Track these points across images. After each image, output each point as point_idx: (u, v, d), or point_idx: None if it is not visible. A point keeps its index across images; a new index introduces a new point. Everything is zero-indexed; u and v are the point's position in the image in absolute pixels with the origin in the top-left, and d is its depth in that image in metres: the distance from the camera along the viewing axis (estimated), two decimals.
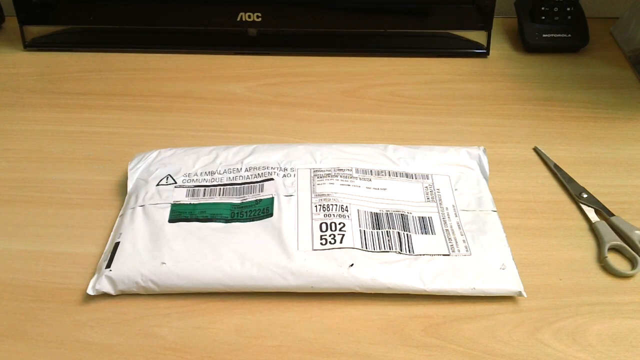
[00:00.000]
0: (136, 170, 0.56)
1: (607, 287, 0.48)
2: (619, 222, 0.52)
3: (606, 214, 0.53)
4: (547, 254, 0.50)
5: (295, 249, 0.47)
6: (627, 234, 0.51)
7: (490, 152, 0.60)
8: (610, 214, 0.53)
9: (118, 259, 0.47)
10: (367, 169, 0.55)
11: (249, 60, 0.76)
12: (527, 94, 0.69)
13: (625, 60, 0.75)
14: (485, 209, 0.52)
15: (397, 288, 0.46)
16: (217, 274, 0.46)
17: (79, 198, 0.56)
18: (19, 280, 0.48)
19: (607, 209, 0.54)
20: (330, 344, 0.44)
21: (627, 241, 0.51)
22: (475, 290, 0.46)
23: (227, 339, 0.44)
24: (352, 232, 0.49)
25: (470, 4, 0.73)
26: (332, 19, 0.75)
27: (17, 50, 0.78)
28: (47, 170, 0.59)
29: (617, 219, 0.52)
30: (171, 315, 0.46)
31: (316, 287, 0.46)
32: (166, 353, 0.43)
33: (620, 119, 0.65)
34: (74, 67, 0.75)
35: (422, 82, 0.72)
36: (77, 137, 0.63)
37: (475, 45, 0.76)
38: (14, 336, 0.44)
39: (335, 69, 0.74)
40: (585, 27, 0.76)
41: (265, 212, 0.51)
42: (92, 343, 0.44)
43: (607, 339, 0.44)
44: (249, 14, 0.75)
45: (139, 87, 0.71)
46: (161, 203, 0.52)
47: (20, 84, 0.72)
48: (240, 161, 0.56)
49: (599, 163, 0.60)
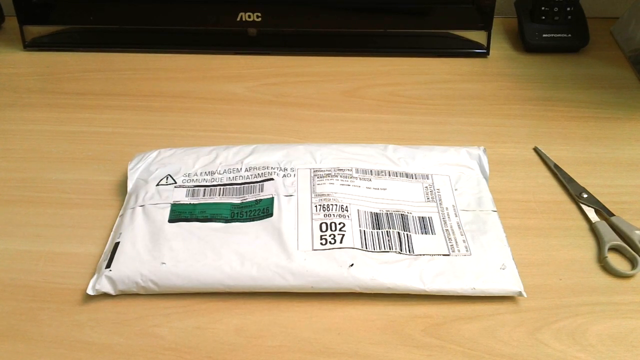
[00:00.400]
0: (136, 170, 0.56)
1: (607, 287, 0.48)
2: (619, 222, 0.52)
3: (606, 214, 0.53)
4: (547, 254, 0.50)
5: (295, 249, 0.47)
6: (627, 234, 0.51)
7: (490, 152, 0.60)
8: (610, 214, 0.53)
9: (118, 259, 0.47)
10: (367, 169, 0.55)
11: (249, 60, 0.76)
12: (527, 94, 0.69)
13: (625, 60, 0.75)
14: (485, 209, 0.52)
15: (397, 288, 0.46)
16: (217, 274, 0.46)
17: (79, 198, 0.56)
18: (19, 280, 0.48)
19: (607, 209, 0.54)
20: (330, 344, 0.44)
21: (627, 241, 0.51)
22: (475, 291, 0.46)
23: (227, 339, 0.44)
24: (352, 232, 0.49)
25: (470, 4, 0.73)
26: (332, 19, 0.75)
27: (17, 50, 0.78)
28: (47, 170, 0.59)
29: (617, 219, 0.52)
30: (171, 315, 0.46)
31: (316, 287, 0.46)
32: (166, 353, 0.43)
33: (620, 119, 0.65)
34: (74, 67, 0.75)
35: (422, 82, 0.72)
36: (77, 137, 0.63)
37: (475, 45, 0.76)
38: (14, 336, 0.44)
39: (335, 69, 0.74)
40: (585, 27, 0.76)
41: (265, 212, 0.50)
42: (92, 343, 0.44)
43: (607, 339, 0.44)
44: (249, 14, 0.75)
45: (139, 87, 0.71)
46: (161, 203, 0.52)
47: (20, 84, 0.72)
48: (240, 161, 0.56)
49: (599, 163, 0.60)
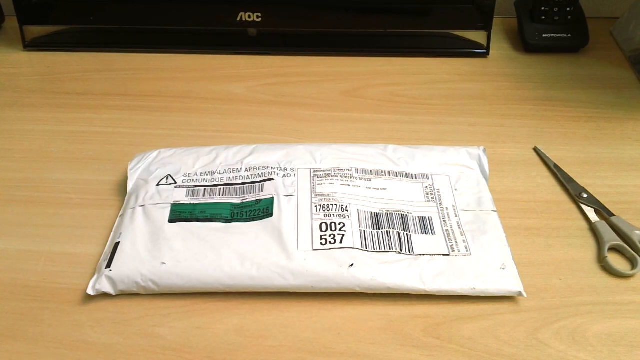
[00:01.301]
0: (136, 170, 0.56)
1: (607, 287, 0.48)
2: (619, 222, 0.52)
3: (606, 214, 0.53)
4: (547, 254, 0.50)
5: (295, 249, 0.47)
6: (627, 234, 0.51)
7: (490, 152, 0.60)
8: (610, 214, 0.53)
9: (118, 259, 0.47)
10: (367, 169, 0.55)
11: (249, 60, 0.76)
12: (527, 94, 0.69)
13: (625, 60, 0.75)
14: (485, 209, 0.52)
15: (397, 288, 0.46)
16: (217, 274, 0.46)
17: (79, 198, 0.56)
18: (19, 280, 0.48)
19: (607, 209, 0.54)
20: (330, 344, 0.44)
21: (627, 241, 0.51)
22: (475, 291, 0.46)
23: (227, 339, 0.44)
24: (352, 232, 0.49)
25: (470, 4, 0.73)
26: (332, 19, 0.75)
27: (17, 50, 0.78)
28: (47, 170, 0.59)
29: (617, 219, 0.52)
30: (171, 315, 0.46)
31: (316, 287, 0.46)
32: (166, 353, 0.43)
33: (620, 119, 0.65)
34: (74, 67, 0.75)
35: (422, 82, 0.72)
36: (77, 137, 0.63)
37: (475, 45, 0.76)
38: (14, 336, 0.44)
39: (335, 69, 0.74)
40: (585, 27, 0.76)
41: (265, 212, 0.50)
42: (92, 343, 0.44)
43: (607, 339, 0.44)
44: (249, 14, 0.75)
45: (139, 87, 0.71)
46: (161, 203, 0.52)
47: (20, 84, 0.72)
48: (240, 161, 0.56)
49: (599, 163, 0.60)
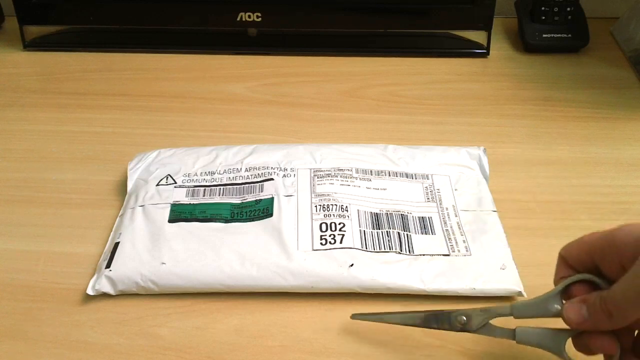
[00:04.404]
0: (136, 170, 0.56)
1: None
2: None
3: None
4: (547, 254, 0.50)
5: (295, 249, 0.47)
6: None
7: (490, 152, 0.59)
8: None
9: (118, 259, 0.47)
10: (367, 169, 0.55)
11: (249, 60, 0.76)
12: (527, 94, 0.69)
13: (625, 60, 0.75)
14: (485, 209, 0.52)
15: (397, 288, 0.46)
16: (217, 274, 0.46)
17: (79, 198, 0.56)
18: (19, 280, 0.48)
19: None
20: (330, 344, 0.44)
21: None
22: (475, 291, 0.46)
23: (227, 339, 0.44)
24: (352, 232, 0.49)
25: (470, 4, 0.73)
26: (332, 19, 0.75)
27: (17, 50, 0.78)
28: (47, 170, 0.59)
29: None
30: (171, 315, 0.46)
31: (316, 287, 0.46)
32: (166, 353, 0.43)
33: (620, 119, 0.65)
34: (74, 67, 0.75)
35: (422, 82, 0.72)
36: (77, 137, 0.63)
37: (475, 45, 0.76)
38: (14, 336, 0.44)
39: (335, 69, 0.74)
40: (585, 27, 0.76)
41: (265, 212, 0.50)
42: (92, 343, 0.44)
43: None
44: (249, 14, 0.75)
45: (139, 87, 0.71)
46: (161, 203, 0.52)
47: (20, 84, 0.72)
48: (240, 161, 0.56)
49: (599, 163, 0.60)
